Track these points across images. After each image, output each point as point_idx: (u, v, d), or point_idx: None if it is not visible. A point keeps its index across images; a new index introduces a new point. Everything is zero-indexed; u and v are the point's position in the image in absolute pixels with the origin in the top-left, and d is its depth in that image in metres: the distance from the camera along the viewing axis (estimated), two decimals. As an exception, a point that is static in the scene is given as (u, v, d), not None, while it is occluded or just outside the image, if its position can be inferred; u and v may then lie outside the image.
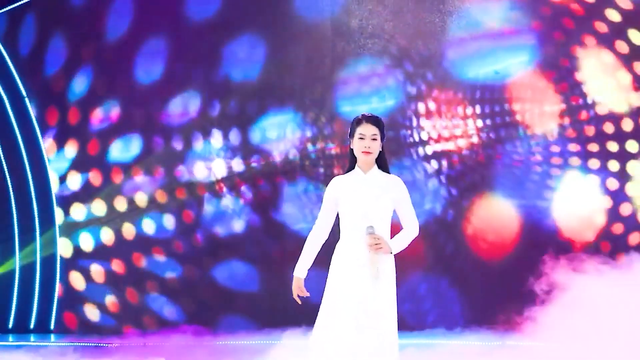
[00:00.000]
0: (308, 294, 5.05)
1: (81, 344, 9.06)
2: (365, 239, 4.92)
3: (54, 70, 10.00)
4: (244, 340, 8.93)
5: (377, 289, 4.94)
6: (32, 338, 9.74)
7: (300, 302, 5.06)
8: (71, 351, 8.15)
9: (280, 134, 9.64)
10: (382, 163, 5.11)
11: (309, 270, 5.00)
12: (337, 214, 5.13)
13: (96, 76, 9.88)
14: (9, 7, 10.06)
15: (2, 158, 10.09)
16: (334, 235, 4.94)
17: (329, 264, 4.92)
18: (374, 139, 5.04)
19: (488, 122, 9.26)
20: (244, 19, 9.62)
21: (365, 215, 5.02)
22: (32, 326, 9.95)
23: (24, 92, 10.10)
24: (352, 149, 5.09)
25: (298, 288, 5.07)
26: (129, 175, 9.84)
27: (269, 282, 9.49)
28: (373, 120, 5.07)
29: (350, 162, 5.15)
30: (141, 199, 9.83)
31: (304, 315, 5.62)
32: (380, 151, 5.06)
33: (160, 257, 9.78)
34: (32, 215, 10.10)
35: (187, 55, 9.76)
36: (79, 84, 9.97)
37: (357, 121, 5.11)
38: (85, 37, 9.92)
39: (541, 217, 9.02)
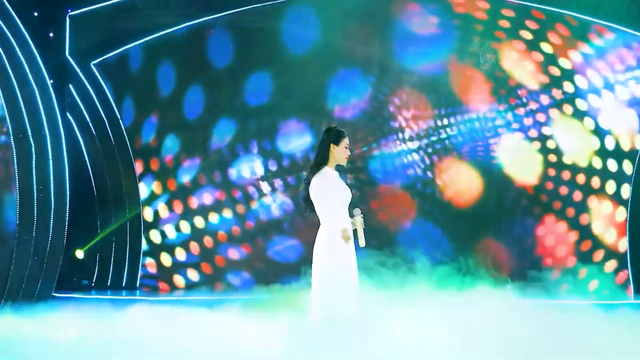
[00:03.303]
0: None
1: (168, 298, 11.17)
2: (358, 219, 6.16)
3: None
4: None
5: None
6: (123, 293, 11.74)
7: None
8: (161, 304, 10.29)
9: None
10: None
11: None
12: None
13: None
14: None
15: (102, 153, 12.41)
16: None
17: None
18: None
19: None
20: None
21: (349, 202, 6.28)
22: (124, 283, 12.15)
23: (118, 115, 12.43)
24: (330, 150, 6.19)
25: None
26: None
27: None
28: None
29: (324, 159, 6.22)
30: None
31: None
32: None
33: (214, 218, 12.24)
34: (121, 191, 12.35)
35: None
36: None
37: (343, 134, 6.28)
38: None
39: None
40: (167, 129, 12.48)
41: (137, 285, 12.21)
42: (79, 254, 12.22)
